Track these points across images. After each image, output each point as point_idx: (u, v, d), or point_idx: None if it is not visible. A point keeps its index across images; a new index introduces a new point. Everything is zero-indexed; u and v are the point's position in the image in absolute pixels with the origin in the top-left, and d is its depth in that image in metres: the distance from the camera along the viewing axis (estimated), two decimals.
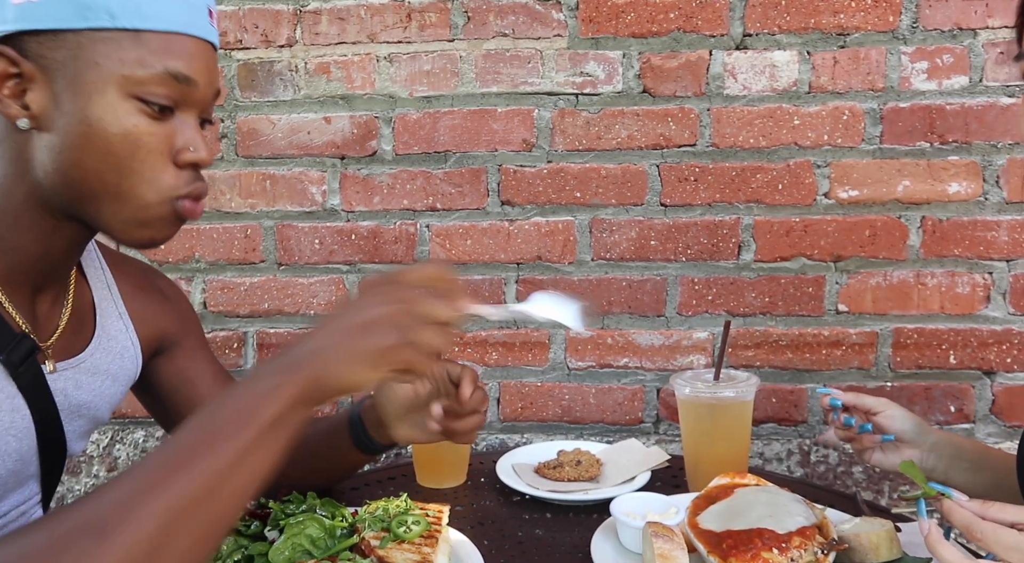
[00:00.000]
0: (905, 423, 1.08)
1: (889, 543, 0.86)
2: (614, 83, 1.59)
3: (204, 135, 0.80)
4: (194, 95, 0.78)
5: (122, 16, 0.72)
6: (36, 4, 0.71)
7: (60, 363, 0.86)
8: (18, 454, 0.81)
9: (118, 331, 0.96)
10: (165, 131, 0.76)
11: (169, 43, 0.75)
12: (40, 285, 0.84)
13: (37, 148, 0.75)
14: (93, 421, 0.94)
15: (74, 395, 0.88)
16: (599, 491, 1.19)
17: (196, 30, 0.78)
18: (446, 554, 0.93)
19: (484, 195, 1.63)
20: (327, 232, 1.67)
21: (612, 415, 1.65)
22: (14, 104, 0.73)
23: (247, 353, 1.70)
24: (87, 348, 0.90)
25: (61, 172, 0.75)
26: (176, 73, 0.75)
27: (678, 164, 1.59)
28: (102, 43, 0.72)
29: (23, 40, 0.72)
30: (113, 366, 0.94)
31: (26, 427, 0.81)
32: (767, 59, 1.56)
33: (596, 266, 1.63)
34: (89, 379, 0.90)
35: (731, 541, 0.85)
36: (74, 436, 0.90)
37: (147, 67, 0.73)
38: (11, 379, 0.79)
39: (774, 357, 1.61)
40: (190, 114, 0.79)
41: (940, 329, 1.58)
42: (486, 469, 1.32)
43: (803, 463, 1.60)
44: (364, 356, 0.68)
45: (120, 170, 0.74)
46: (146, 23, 0.73)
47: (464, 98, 1.62)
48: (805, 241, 1.58)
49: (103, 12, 0.72)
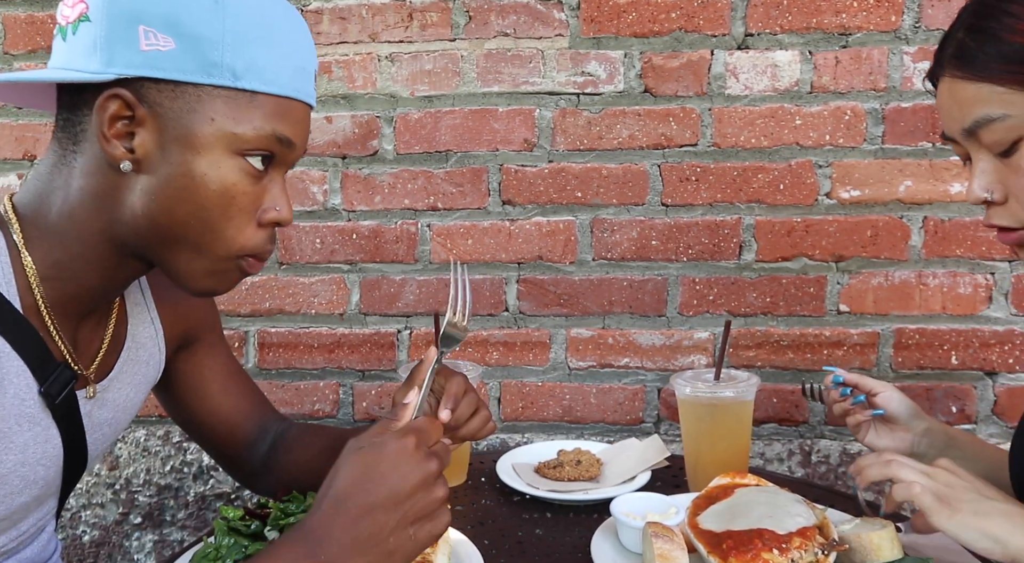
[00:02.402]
0: (901, 406, 1.11)
1: (890, 543, 0.86)
2: (615, 83, 1.59)
3: (287, 193, 0.82)
4: (290, 156, 0.80)
5: (244, 77, 0.73)
6: (163, 54, 0.71)
7: (98, 385, 0.87)
8: (44, 481, 0.82)
9: (147, 337, 0.95)
10: (257, 190, 0.78)
11: (281, 107, 0.76)
12: (88, 313, 0.84)
13: (130, 189, 0.75)
14: (115, 433, 0.94)
15: (98, 415, 0.88)
16: (599, 491, 1.19)
17: (305, 96, 0.80)
18: (446, 554, 0.93)
19: (485, 195, 1.63)
20: (328, 231, 1.67)
21: (612, 415, 1.65)
22: (120, 145, 0.73)
23: (248, 352, 1.70)
24: (117, 364, 0.90)
25: (149, 216, 0.75)
26: (281, 136, 0.77)
27: (679, 164, 1.59)
28: (220, 100, 0.73)
29: (142, 85, 0.72)
30: (138, 375, 0.94)
31: (56, 455, 0.82)
32: (769, 59, 1.56)
33: (597, 266, 1.63)
34: (115, 395, 0.90)
35: (731, 541, 0.85)
36: (95, 451, 0.90)
37: (258, 129, 0.75)
38: (47, 409, 0.79)
39: (775, 357, 1.61)
40: (280, 172, 0.80)
41: (942, 329, 1.57)
42: (486, 469, 1.32)
43: (804, 463, 1.60)
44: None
45: (208, 223, 0.75)
46: (264, 86, 0.75)
47: (465, 98, 1.62)
48: (806, 241, 1.58)
49: (227, 71, 0.73)
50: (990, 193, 0.82)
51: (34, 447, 0.78)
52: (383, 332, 1.68)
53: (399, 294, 1.67)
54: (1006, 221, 0.83)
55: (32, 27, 1.69)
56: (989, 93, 0.77)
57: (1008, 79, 0.76)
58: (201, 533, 1.10)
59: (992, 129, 0.78)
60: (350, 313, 1.68)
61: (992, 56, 0.77)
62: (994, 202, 0.82)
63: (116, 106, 0.72)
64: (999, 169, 0.81)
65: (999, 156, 0.81)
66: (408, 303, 1.67)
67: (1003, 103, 0.77)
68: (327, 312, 1.68)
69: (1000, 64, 0.76)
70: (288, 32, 0.78)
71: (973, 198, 0.83)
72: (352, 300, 1.68)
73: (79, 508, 1.73)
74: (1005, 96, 0.76)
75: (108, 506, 1.72)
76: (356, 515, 0.66)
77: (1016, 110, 0.76)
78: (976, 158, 0.83)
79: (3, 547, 0.83)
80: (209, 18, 0.72)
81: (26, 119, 1.71)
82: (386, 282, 1.67)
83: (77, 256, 0.78)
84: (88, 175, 0.75)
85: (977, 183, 0.82)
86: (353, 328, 1.68)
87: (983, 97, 0.78)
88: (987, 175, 0.82)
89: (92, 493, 1.72)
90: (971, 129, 0.80)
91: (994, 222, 0.84)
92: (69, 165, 0.76)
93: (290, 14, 0.79)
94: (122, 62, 0.71)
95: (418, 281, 1.66)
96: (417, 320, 1.67)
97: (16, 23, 1.70)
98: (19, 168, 1.72)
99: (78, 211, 0.77)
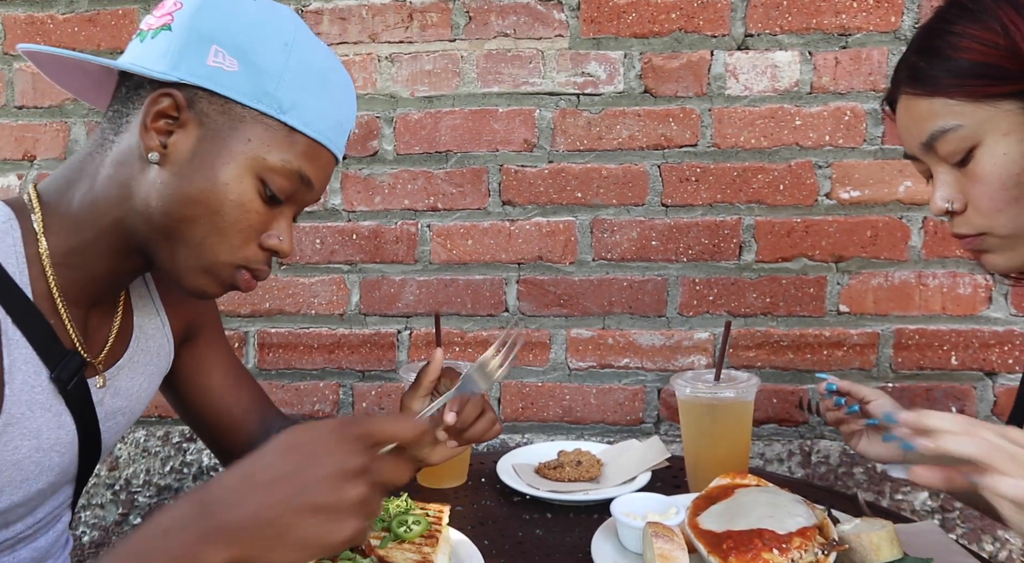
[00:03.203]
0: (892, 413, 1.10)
1: (890, 543, 0.86)
2: (615, 83, 1.59)
3: (292, 229, 0.87)
4: (307, 197, 0.85)
5: (289, 113, 0.80)
6: (226, 73, 0.78)
7: (108, 372, 0.89)
8: (60, 468, 0.84)
9: (154, 328, 0.98)
10: (268, 215, 0.82)
11: (312, 149, 0.82)
12: (97, 302, 0.87)
13: (150, 179, 0.79)
14: (128, 422, 0.96)
15: (111, 403, 0.90)
16: (599, 491, 1.19)
17: (336, 148, 0.86)
18: (446, 554, 0.93)
19: (485, 195, 1.63)
20: (328, 232, 1.67)
21: (613, 415, 1.65)
22: (157, 138, 0.78)
23: (248, 352, 1.70)
24: (126, 353, 0.92)
25: (163, 208, 0.79)
26: (304, 175, 0.82)
27: (679, 164, 1.59)
28: (261, 126, 0.79)
29: (197, 94, 0.78)
30: (150, 366, 0.97)
31: (70, 442, 0.84)
32: (769, 59, 1.56)
33: (597, 266, 1.63)
34: (127, 384, 0.92)
35: (731, 541, 0.85)
36: (109, 440, 0.92)
37: (286, 162, 0.80)
38: (59, 396, 0.82)
39: (775, 358, 1.61)
40: (292, 208, 0.85)
41: (942, 330, 1.57)
42: (486, 469, 1.32)
43: (804, 464, 1.60)
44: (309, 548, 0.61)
45: (215, 228, 0.80)
46: (304, 127, 0.81)
47: (465, 98, 1.62)
48: (806, 241, 1.58)
49: (275, 103, 0.79)
50: (950, 203, 0.87)
51: (48, 433, 0.81)
52: (383, 332, 1.68)
53: (399, 294, 1.67)
54: (965, 229, 0.87)
55: (32, 28, 1.69)
56: (942, 107, 0.83)
57: (957, 92, 0.82)
58: None
59: (947, 140, 0.83)
60: (350, 313, 1.68)
61: (942, 72, 0.82)
62: (955, 212, 0.87)
63: (167, 103, 0.78)
64: (958, 180, 0.86)
65: (957, 167, 0.85)
66: (408, 303, 1.67)
67: (955, 114, 0.82)
68: (327, 312, 1.69)
69: (949, 79, 0.82)
70: (338, 89, 0.86)
71: (935, 209, 0.88)
72: (352, 300, 1.68)
73: (79, 508, 1.73)
74: (956, 108, 0.82)
75: (108, 506, 1.72)
76: (259, 483, 0.62)
77: (967, 120, 0.82)
78: (936, 172, 0.88)
79: (20, 534, 0.84)
80: (275, 55, 0.79)
81: (26, 120, 1.71)
82: (386, 282, 1.67)
83: (91, 244, 0.82)
84: (117, 164, 0.80)
85: (939, 195, 0.87)
86: (353, 328, 1.68)
87: (936, 111, 0.83)
88: (947, 187, 0.87)
89: (92, 493, 1.72)
90: (928, 143, 0.85)
91: (957, 231, 0.88)
92: (104, 153, 0.81)
93: (344, 77, 0.88)
94: (187, 69, 0.77)
95: (418, 281, 1.66)
96: (417, 321, 1.67)
97: (16, 23, 1.70)
98: (19, 168, 1.72)
99: (100, 198, 0.81)
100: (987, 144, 0.82)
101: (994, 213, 0.84)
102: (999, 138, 0.81)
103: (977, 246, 0.88)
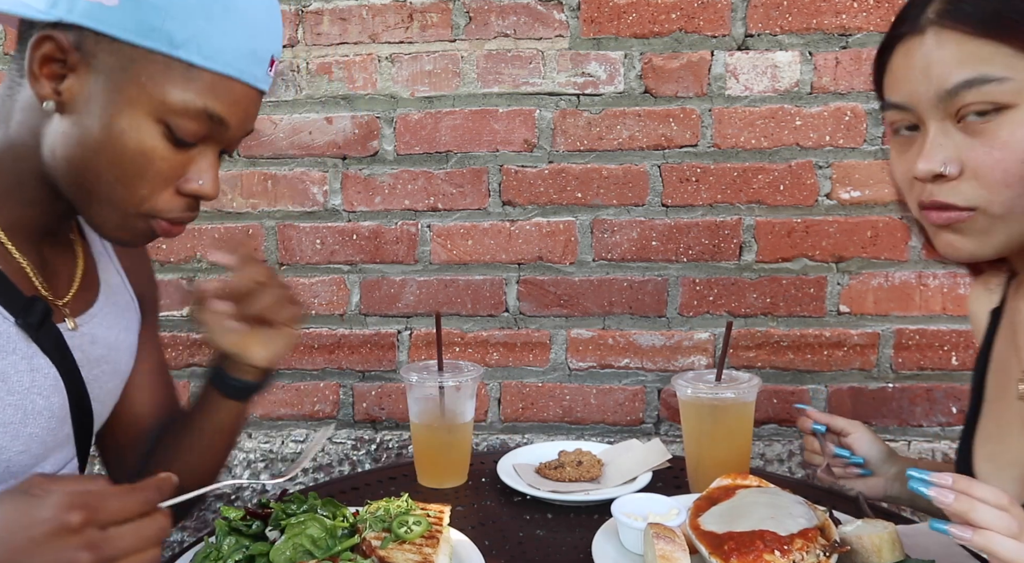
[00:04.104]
0: (872, 449, 1.11)
1: (891, 545, 0.86)
2: (615, 83, 1.59)
3: (217, 168, 0.80)
4: (224, 135, 0.78)
5: (182, 47, 0.72)
6: (106, 8, 0.71)
7: (78, 318, 0.86)
8: (49, 412, 0.81)
9: (118, 284, 0.96)
10: (180, 159, 0.76)
11: (219, 84, 0.75)
12: (45, 237, 0.85)
13: (51, 130, 0.76)
14: (114, 374, 0.93)
15: (91, 351, 0.88)
16: (600, 492, 1.19)
17: (251, 78, 0.78)
18: (447, 554, 0.93)
19: (485, 195, 1.63)
20: (328, 232, 1.67)
21: (613, 416, 1.65)
22: (48, 85, 0.73)
23: None
24: (96, 302, 0.90)
25: (65, 160, 0.75)
26: (213, 114, 0.75)
27: (679, 165, 1.59)
28: (153, 65, 0.72)
29: (82, 34, 0.72)
30: (123, 319, 0.94)
31: (51, 385, 0.82)
32: (769, 60, 1.56)
33: (597, 267, 1.63)
34: (104, 333, 0.90)
35: (733, 543, 0.85)
36: (99, 393, 0.89)
37: (188, 101, 0.74)
38: (28, 339, 0.79)
39: (775, 358, 1.61)
40: (212, 148, 0.79)
41: (942, 330, 1.57)
42: (487, 469, 1.32)
43: (804, 464, 1.60)
44: None
45: (121, 181, 0.75)
46: (203, 61, 0.73)
47: (465, 98, 1.62)
48: (807, 242, 1.58)
49: (164, 38, 0.72)
50: (946, 166, 0.76)
51: (17, 376, 0.78)
52: (383, 333, 1.68)
53: (399, 295, 1.67)
54: (954, 198, 0.77)
55: None
56: (992, 53, 0.72)
57: (1017, 41, 0.71)
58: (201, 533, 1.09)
59: (985, 91, 0.72)
60: (350, 314, 1.68)
61: (1009, 13, 0.72)
62: (948, 177, 0.76)
63: (48, 47, 0.72)
64: (958, 143, 0.76)
65: (961, 128, 0.76)
66: (408, 304, 1.67)
67: (1006, 66, 0.72)
68: (327, 312, 1.68)
69: (1012, 22, 0.71)
70: (245, 12, 0.76)
71: (925, 171, 0.76)
72: (352, 301, 1.68)
73: None
74: (1009, 59, 0.72)
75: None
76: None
77: (1018, 75, 0.71)
78: (932, 128, 0.77)
79: None
80: None
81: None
82: (386, 283, 1.67)
83: (21, 183, 0.80)
84: (24, 109, 0.77)
85: (936, 155, 0.76)
86: (353, 329, 1.68)
87: (984, 56, 0.72)
88: (945, 148, 0.76)
89: None
90: (956, 89, 0.74)
91: (943, 199, 0.77)
92: (13, 98, 0.78)
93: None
94: (64, 7, 0.71)
95: (418, 282, 1.66)
96: (417, 321, 1.67)
97: None
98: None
99: (16, 145, 0.78)
100: (1022, 109, 0.72)
101: (1000, 187, 0.74)
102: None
103: (957, 222, 0.78)
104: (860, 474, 1.10)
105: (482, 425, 1.68)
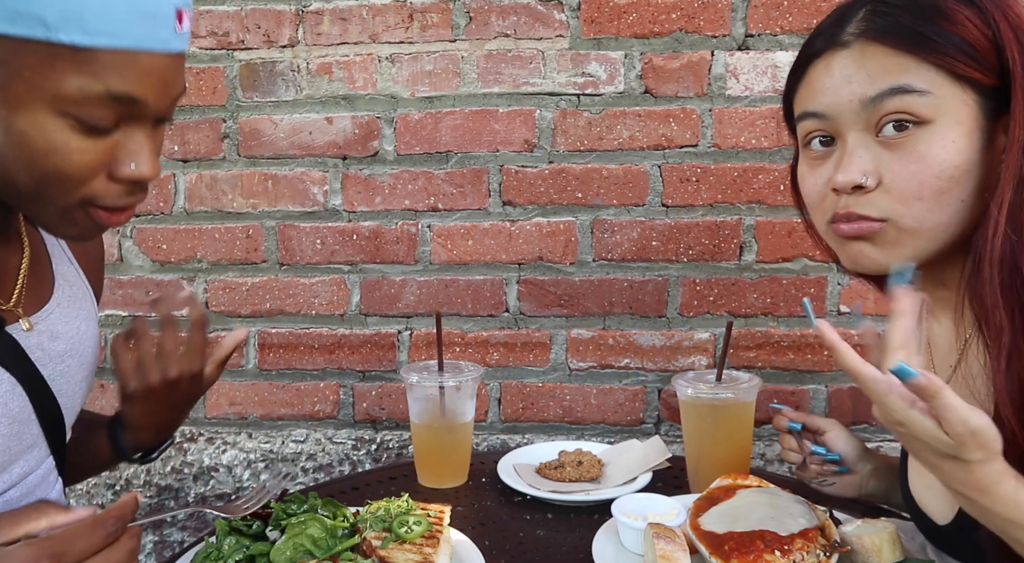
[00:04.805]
0: (847, 446, 1.11)
1: (891, 545, 0.86)
2: (616, 83, 1.59)
3: (152, 146, 0.72)
4: (143, 111, 0.69)
5: (60, 29, 0.62)
6: None
7: (33, 317, 0.83)
8: (9, 418, 0.78)
9: (73, 275, 0.93)
10: (102, 146, 0.68)
11: (117, 61, 0.65)
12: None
13: None
14: (81, 366, 0.90)
15: (52, 347, 0.85)
16: (600, 492, 1.19)
17: (155, 43, 0.67)
18: (447, 554, 0.93)
19: (486, 195, 1.63)
20: (329, 232, 1.67)
21: (613, 416, 1.65)
22: None
23: (249, 353, 1.70)
24: (52, 297, 0.87)
25: None
26: (119, 95, 0.66)
27: (680, 165, 1.59)
28: (32, 55, 0.63)
29: None
30: (83, 310, 0.92)
31: (7, 391, 0.78)
32: (769, 59, 1.56)
33: (597, 267, 1.63)
34: (64, 327, 0.87)
35: (733, 543, 0.85)
36: (67, 387, 0.87)
37: (84, 88, 0.64)
38: None
39: (776, 358, 1.61)
40: (138, 127, 0.70)
41: None
42: (487, 469, 1.32)
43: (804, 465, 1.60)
44: None
45: (43, 181, 0.68)
46: (90, 39, 0.63)
47: (466, 98, 1.62)
48: (807, 242, 1.58)
49: (36, 22, 0.62)
50: (867, 177, 0.78)
51: None
52: (383, 333, 1.68)
53: (399, 295, 1.67)
54: (869, 210, 0.78)
55: None
56: (916, 67, 0.75)
57: (939, 60, 0.74)
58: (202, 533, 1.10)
59: (907, 102, 0.75)
60: (351, 314, 1.68)
61: (932, 34, 0.75)
62: (865, 188, 0.78)
63: None
64: (876, 155, 0.78)
65: (879, 141, 0.78)
66: (408, 304, 1.67)
67: (927, 80, 0.75)
68: (328, 313, 1.68)
69: (937, 43, 0.74)
70: None
71: (847, 182, 0.78)
72: (352, 301, 1.68)
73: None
74: (930, 75, 0.75)
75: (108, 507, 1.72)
76: None
77: (937, 91, 0.75)
78: (852, 139, 0.79)
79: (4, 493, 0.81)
80: None
81: None
82: (386, 283, 1.67)
83: None
84: None
85: (857, 166, 0.78)
86: (354, 329, 1.68)
87: (908, 68, 0.75)
88: (866, 160, 0.78)
89: (92, 494, 1.72)
90: (880, 97, 0.76)
91: (857, 211, 0.79)
92: None
93: None
94: None
95: (418, 282, 1.66)
96: (418, 321, 1.67)
97: None
98: None
99: None
100: (939, 125, 0.75)
101: (913, 200, 0.76)
102: (952, 124, 0.75)
103: (868, 233, 0.79)
104: (837, 471, 1.10)
105: (482, 425, 1.68)
